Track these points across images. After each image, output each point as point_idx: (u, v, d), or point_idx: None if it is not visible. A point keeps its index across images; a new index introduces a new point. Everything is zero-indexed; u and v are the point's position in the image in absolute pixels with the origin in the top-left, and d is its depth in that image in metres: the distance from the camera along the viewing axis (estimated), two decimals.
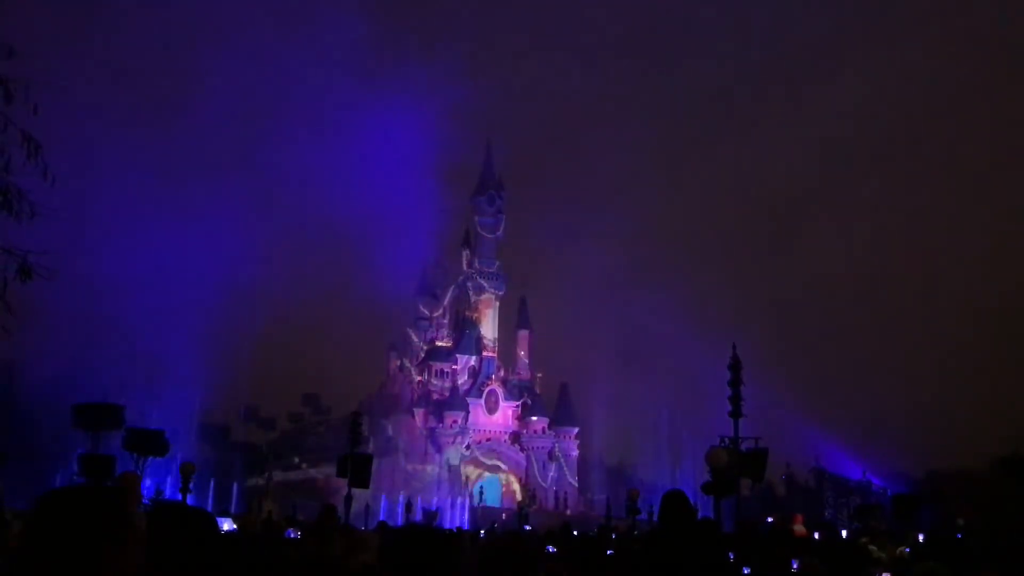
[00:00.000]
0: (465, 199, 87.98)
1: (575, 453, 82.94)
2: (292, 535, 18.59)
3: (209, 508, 39.89)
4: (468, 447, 77.78)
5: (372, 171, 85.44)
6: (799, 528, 16.63)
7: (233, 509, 63.11)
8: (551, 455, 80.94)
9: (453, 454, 77.16)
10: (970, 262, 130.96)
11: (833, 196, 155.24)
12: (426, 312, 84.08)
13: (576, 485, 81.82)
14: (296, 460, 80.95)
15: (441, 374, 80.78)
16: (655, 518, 6.50)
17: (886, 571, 13.74)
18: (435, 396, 79.57)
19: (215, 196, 74.26)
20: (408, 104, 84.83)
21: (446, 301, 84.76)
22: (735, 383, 22.14)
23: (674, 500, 5.66)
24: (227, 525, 23.42)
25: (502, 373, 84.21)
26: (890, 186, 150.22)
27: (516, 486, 78.09)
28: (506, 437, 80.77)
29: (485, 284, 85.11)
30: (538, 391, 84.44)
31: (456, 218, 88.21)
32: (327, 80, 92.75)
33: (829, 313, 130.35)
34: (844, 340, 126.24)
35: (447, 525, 61.97)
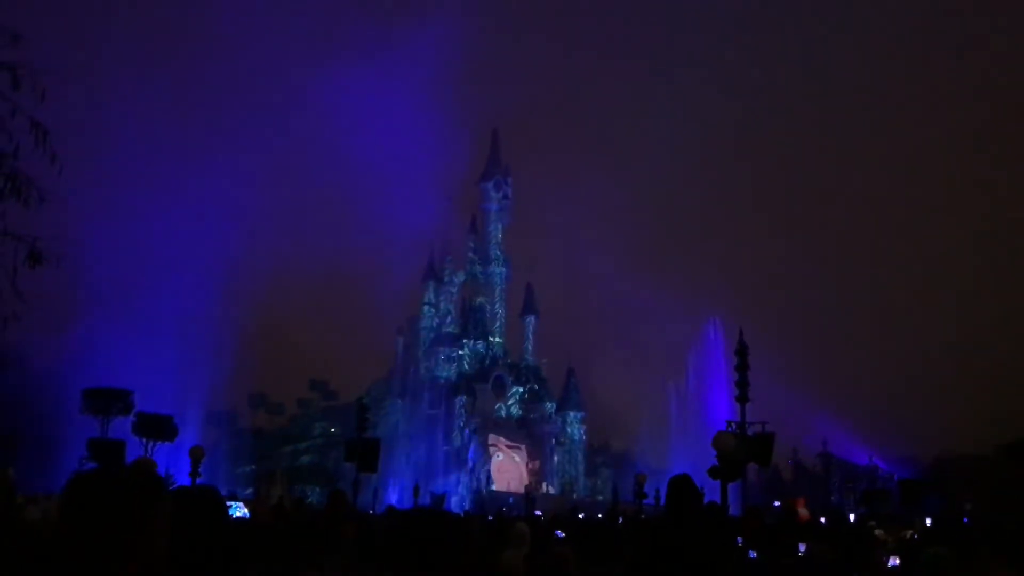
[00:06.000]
0: (472, 184, 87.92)
1: (582, 438, 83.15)
2: None
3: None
4: (475, 432, 77.99)
5: (377, 154, 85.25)
6: (803, 511, 16.73)
7: (241, 495, 63.51)
8: (558, 440, 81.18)
9: (460, 439, 77.41)
10: (978, 247, 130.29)
11: (838, 179, 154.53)
12: (433, 297, 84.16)
13: (583, 470, 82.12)
14: (304, 445, 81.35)
15: (448, 359, 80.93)
16: (662, 502, 6.52)
17: (893, 555, 13.77)
18: (442, 381, 79.77)
19: (223, 180, 74.32)
20: (414, 75, 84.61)
21: (453, 287, 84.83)
22: (742, 367, 22.18)
23: (681, 484, 5.67)
24: (239, 512, 23.50)
25: (509, 358, 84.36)
26: (893, 170, 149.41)
27: (523, 471, 78.35)
28: (513, 422, 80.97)
29: (492, 269, 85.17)
30: (545, 376, 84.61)
31: (463, 204, 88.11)
32: (331, 52, 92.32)
33: (837, 297, 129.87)
34: (852, 324, 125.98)
35: (454, 510, 62.33)
